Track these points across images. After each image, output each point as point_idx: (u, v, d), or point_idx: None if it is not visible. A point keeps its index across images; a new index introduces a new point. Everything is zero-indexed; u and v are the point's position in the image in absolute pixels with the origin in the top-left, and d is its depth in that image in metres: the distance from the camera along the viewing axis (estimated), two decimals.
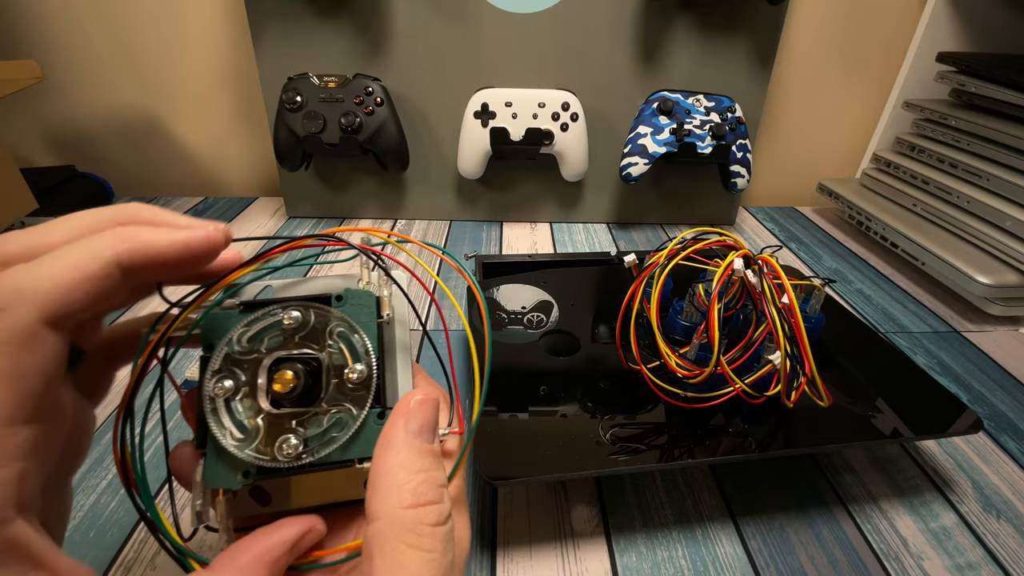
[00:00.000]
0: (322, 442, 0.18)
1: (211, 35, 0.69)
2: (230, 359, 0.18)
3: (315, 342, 0.19)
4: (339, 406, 0.19)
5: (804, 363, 0.32)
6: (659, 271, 0.35)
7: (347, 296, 0.20)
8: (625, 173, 0.63)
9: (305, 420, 0.18)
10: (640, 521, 0.33)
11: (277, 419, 0.18)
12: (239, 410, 0.18)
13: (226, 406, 0.18)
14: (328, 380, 0.19)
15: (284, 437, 0.18)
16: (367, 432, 0.19)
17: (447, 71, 0.64)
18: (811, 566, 0.31)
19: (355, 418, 0.18)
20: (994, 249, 0.55)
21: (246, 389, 0.18)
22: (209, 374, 0.18)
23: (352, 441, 0.18)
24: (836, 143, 0.81)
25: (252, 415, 0.18)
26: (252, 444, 0.18)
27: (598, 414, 0.35)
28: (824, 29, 0.73)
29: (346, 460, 0.18)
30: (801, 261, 0.64)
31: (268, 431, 0.18)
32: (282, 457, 0.18)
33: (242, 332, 0.18)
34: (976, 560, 0.31)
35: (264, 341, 0.18)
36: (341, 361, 0.19)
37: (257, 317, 0.18)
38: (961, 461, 0.38)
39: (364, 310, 0.20)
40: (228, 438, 0.18)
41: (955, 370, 0.47)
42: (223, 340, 0.18)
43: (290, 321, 0.19)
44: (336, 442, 0.18)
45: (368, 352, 0.19)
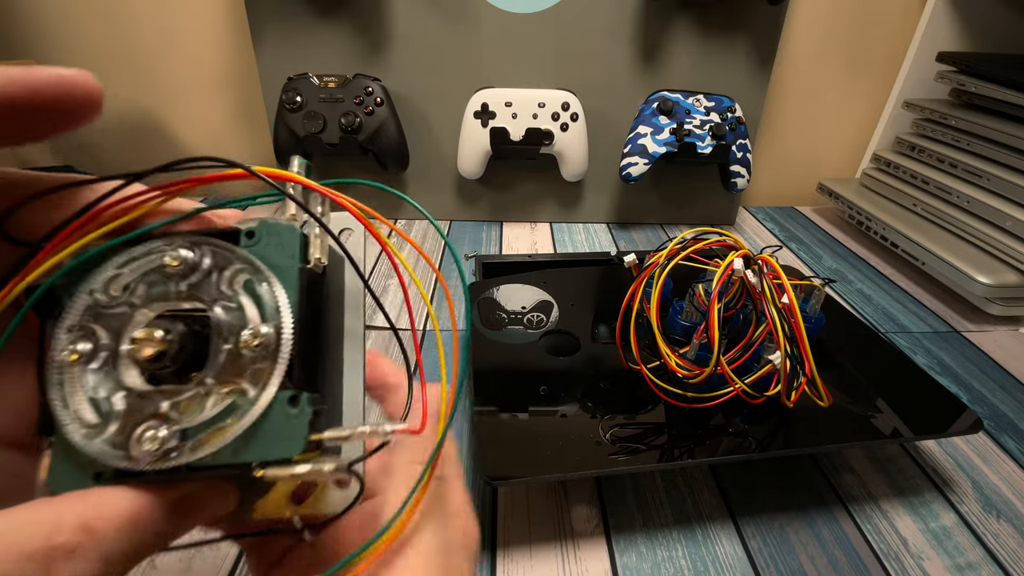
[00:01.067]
0: (204, 435, 0.13)
1: (211, 35, 0.69)
2: (92, 312, 0.13)
3: (207, 294, 0.14)
4: (230, 383, 0.13)
5: (804, 363, 0.32)
6: (659, 271, 0.35)
7: (260, 231, 0.14)
8: (625, 173, 0.63)
9: (181, 402, 0.13)
10: (640, 521, 0.33)
11: (142, 399, 0.13)
12: (95, 385, 0.13)
13: (80, 378, 0.13)
14: (218, 346, 0.13)
15: (146, 426, 0.13)
16: (272, 423, 0.13)
17: (447, 71, 0.64)
18: (811, 566, 0.31)
19: (251, 401, 0.13)
20: (994, 249, 0.55)
21: (107, 355, 0.13)
22: (61, 331, 0.13)
23: (250, 436, 0.13)
24: (836, 143, 0.81)
25: (110, 391, 0.13)
26: (104, 433, 0.13)
27: (598, 414, 0.35)
28: (824, 29, 0.73)
29: (238, 464, 0.13)
30: (801, 261, 0.64)
31: (128, 416, 0.13)
32: (138, 454, 0.12)
33: (112, 276, 0.13)
34: (976, 560, 0.31)
35: (139, 290, 0.14)
36: (239, 321, 0.14)
37: (133, 256, 0.14)
38: (961, 461, 0.38)
39: (281, 250, 0.14)
40: (75, 423, 0.13)
41: (955, 370, 0.47)
42: (83, 285, 0.13)
43: (175, 261, 0.13)
44: (222, 435, 0.13)
45: (279, 308, 0.14)
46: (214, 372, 0.13)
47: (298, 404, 0.13)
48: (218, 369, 0.13)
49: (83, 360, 0.13)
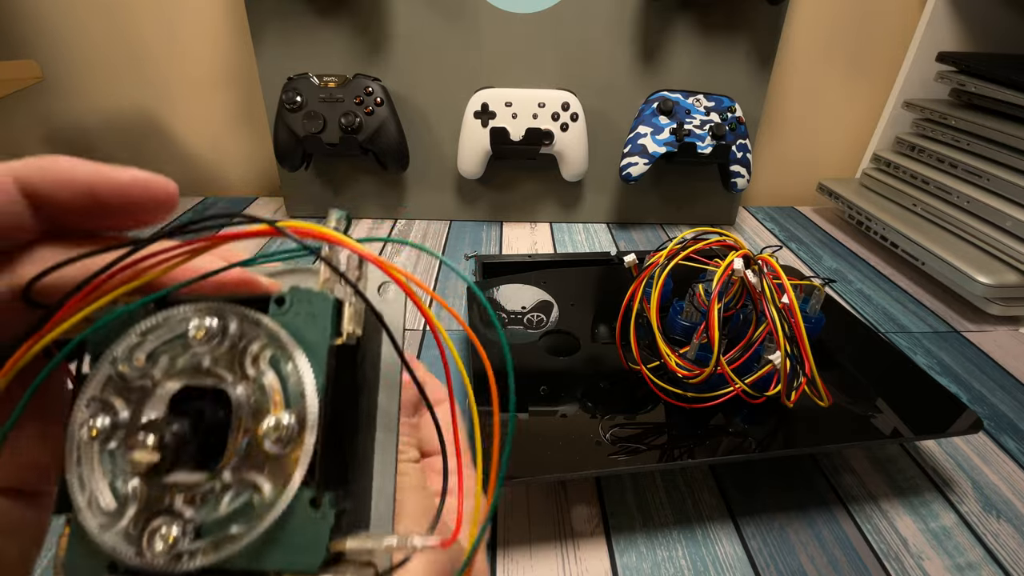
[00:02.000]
0: (218, 537, 0.12)
1: (211, 35, 0.69)
2: (113, 383, 0.12)
3: (228, 370, 0.12)
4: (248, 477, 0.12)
5: (804, 363, 0.32)
6: (659, 271, 0.35)
7: (291, 298, 0.13)
8: (625, 173, 0.63)
9: (199, 497, 0.12)
10: (640, 521, 0.33)
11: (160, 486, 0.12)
12: (117, 465, 0.12)
13: (99, 455, 0.12)
14: (236, 434, 0.12)
15: (159, 522, 0.11)
16: (292, 527, 0.12)
17: (447, 71, 0.64)
18: (811, 566, 0.31)
19: (270, 503, 0.12)
20: (994, 249, 0.55)
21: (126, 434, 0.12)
22: (81, 403, 0.12)
23: (268, 540, 0.12)
24: (836, 143, 0.81)
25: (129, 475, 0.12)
26: (119, 523, 0.12)
27: (598, 414, 0.35)
28: (824, 29, 0.73)
29: (255, 571, 0.12)
30: (801, 261, 0.64)
31: (144, 505, 0.12)
32: (151, 554, 0.11)
33: (135, 344, 0.12)
34: (976, 560, 0.31)
35: (161, 361, 0.12)
36: (263, 404, 0.12)
37: (156, 323, 0.12)
38: (961, 461, 0.38)
39: (312, 323, 0.13)
40: (91, 508, 0.12)
41: (955, 370, 0.47)
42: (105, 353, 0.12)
43: (200, 332, 0.12)
44: (238, 540, 0.11)
45: (303, 392, 0.12)
46: (232, 464, 0.12)
47: (320, 507, 0.12)
48: (236, 460, 0.12)
49: (102, 438, 0.12)
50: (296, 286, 0.13)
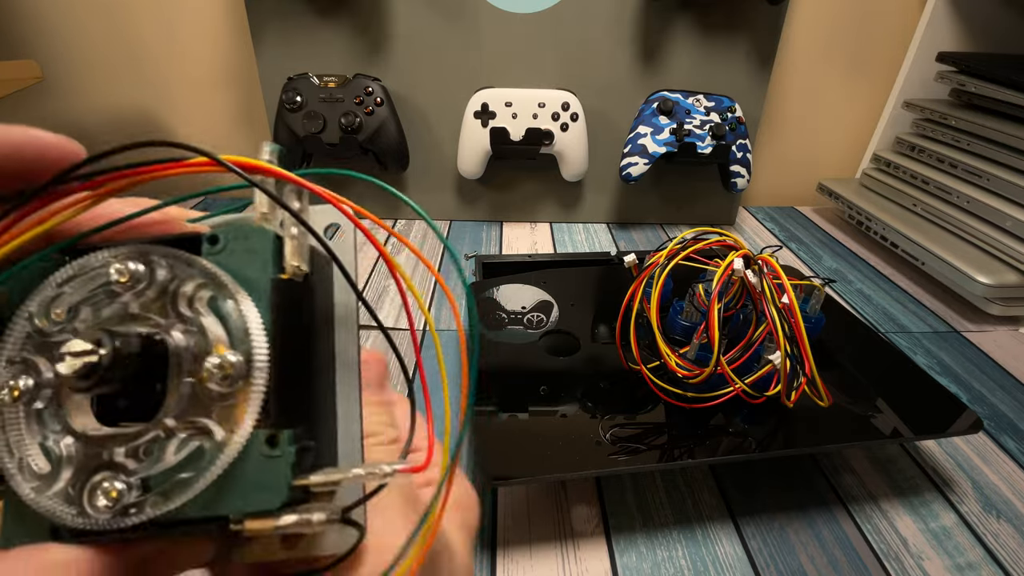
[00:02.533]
0: (169, 486, 0.11)
1: (211, 35, 0.69)
2: (33, 341, 0.11)
3: (164, 315, 0.11)
4: (195, 424, 0.11)
5: (804, 363, 0.32)
6: (659, 271, 0.35)
7: (225, 235, 0.12)
8: (625, 173, 0.63)
9: (139, 447, 0.11)
10: (640, 521, 0.33)
11: (96, 444, 0.11)
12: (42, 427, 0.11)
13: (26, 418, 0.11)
14: (177, 379, 0.11)
15: (99, 478, 0.11)
16: (249, 468, 0.11)
17: (447, 71, 0.64)
18: (811, 566, 0.31)
19: (221, 444, 0.11)
20: (994, 249, 0.55)
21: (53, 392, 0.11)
22: None
23: (223, 485, 0.11)
24: (836, 143, 0.81)
25: (59, 436, 0.11)
26: (55, 485, 0.11)
27: (598, 414, 0.35)
28: (824, 29, 0.73)
29: (212, 517, 0.11)
30: (801, 261, 0.64)
31: (81, 464, 0.11)
32: (94, 511, 0.11)
33: (52, 296, 0.11)
34: (976, 560, 0.31)
35: (83, 312, 0.11)
36: (201, 347, 0.11)
37: (73, 272, 0.11)
38: (961, 461, 0.38)
39: (251, 258, 0.12)
40: (23, 473, 0.11)
41: (955, 370, 0.47)
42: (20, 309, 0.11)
43: (124, 277, 0.11)
44: (189, 487, 0.11)
45: (248, 330, 0.11)
46: (174, 411, 0.11)
47: (278, 444, 0.11)
48: (179, 407, 0.11)
49: (25, 398, 0.11)
50: (229, 221, 0.12)
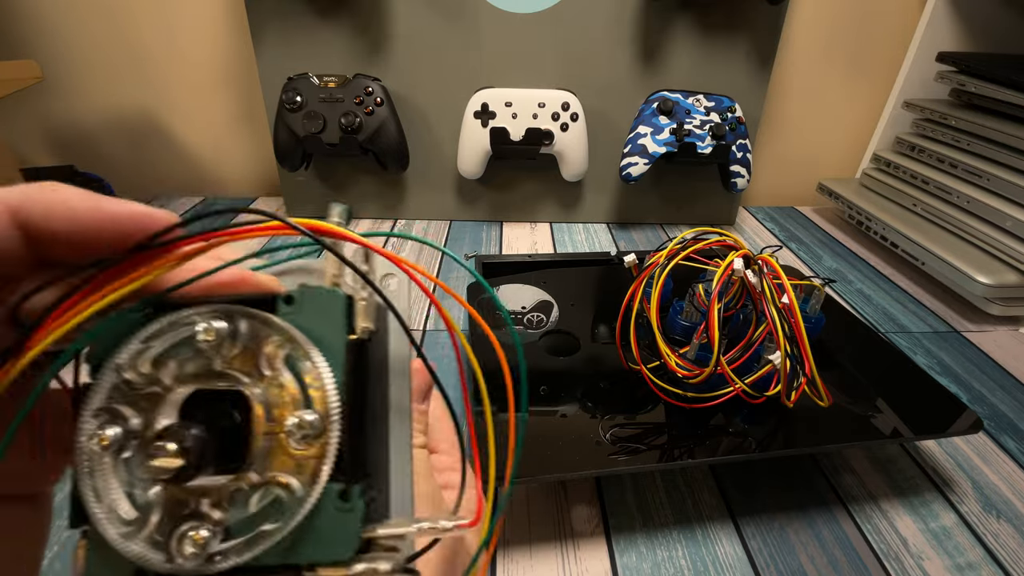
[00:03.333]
0: (249, 536, 0.12)
1: (211, 35, 0.69)
2: (120, 392, 0.12)
3: (242, 372, 0.12)
4: (274, 476, 0.12)
5: (804, 363, 0.32)
6: (659, 271, 0.35)
7: (299, 297, 0.13)
8: (625, 173, 0.63)
9: (225, 500, 0.12)
10: (640, 521, 0.33)
11: (179, 495, 0.12)
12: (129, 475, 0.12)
13: (113, 465, 0.12)
14: (258, 434, 0.12)
15: (187, 527, 0.11)
16: (322, 521, 0.12)
17: (447, 71, 0.64)
18: (811, 566, 0.31)
19: (299, 499, 0.12)
20: (994, 249, 0.55)
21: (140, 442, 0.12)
22: (87, 415, 0.12)
23: (298, 535, 0.12)
24: (836, 143, 0.81)
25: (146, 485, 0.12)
26: (142, 532, 0.11)
27: (598, 414, 0.35)
28: (824, 29, 0.73)
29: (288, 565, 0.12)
30: (801, 261, 0.64)
31: (167, 511, 0.12)
32: (182, 558, 0.11)
33: (139, 350, 0.12)
34: (976, 560, 0.31)
35: (171, 366, 0.12)
36: (280, 404, 0.12)
37: (160, 328, 0.12)
38: (961, 461, 0.38)
39: (325, 320, 0.13)
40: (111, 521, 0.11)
41: (955, 370, 0.47)
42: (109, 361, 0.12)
43: (209, 335, 0.12)
44: (269, 537, 0.12)
45: (325, 390, 0.12)
46: (256, 464, 0.12)
47: (350, 499, 0.12)
48: (260, 461, 0.12)
49: (113, 448, 0.12)
50: (304, 284, 0.13)
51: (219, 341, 0.12)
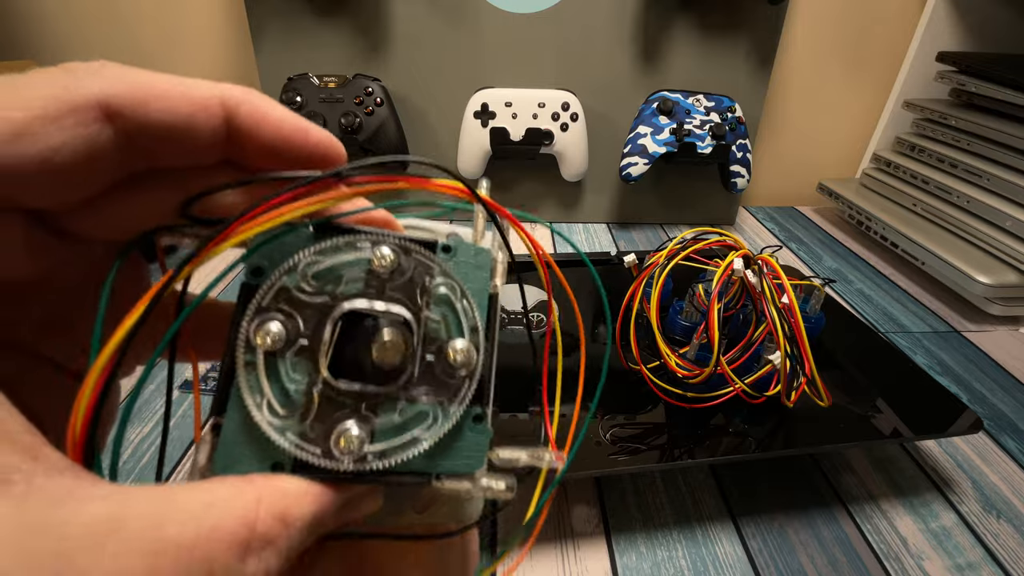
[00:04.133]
0: (396, 441, 0.13)
1: (211, 35, 0.69)
2: (285, 296, 0.13)
3: (408, 299, 0.13)
4: (427, 394, 0.13)
5: (804, 363, 0.32)
6: (659, 271, 0.35)
7: (457, 248, 0.14)
8: (625, 173, 0.63)
9: (378, 404, 0.13)
10: (640, 521, 0.33)
11: (339, 397, 0.13)
12: (286, 372, 0.13)
13: (268, 363, 0.12)
14: (421, 355, 0.13)
15: (343, 425, 0.12)
16: (457, 438, 0.13)
17: (447, 71, 0.64)
18: (811, 566, 0.31)
19: (446, 416, 0.13)
20: (994, 249, 0.55)
21: (302, 344, 0.13)
22: (251, 310, 0.12)
23: (439, 448, 0.13)
24: (836, 143, 0.81)
25: (303, 384, 0.13)
26: (297, 425, 0.12)
27: (598, 414, 0.35)
28: (824, 29, 0.73)
29: (423, 472, 0.13)
30: (801, 261, 0.64)
31: (323, 410, 0.13)
32: (337, 453, 0.12)
33: (311, 261, 0.13)
34: (976, 560, 0.31)
35: (339, 282, 0.13)
36: (437, 333, 0.13)
37: (335, 245, 0.13)
38: (961, 461, 0.38)
39: (477, 273, 0.14)
40: (263, 410, 0.12)
41: (955, 370, 0.47)
42: (281, 265, 0.13)
43: (382, 262, 0.13)
44: (417, 443, 0.13)
45: (476, 329, 0.14)
46: (411, 380, 0.13)
47: (483, 422, 0.14)
48: (416, 377, 0.13)
49: (277, 344, 0.12)
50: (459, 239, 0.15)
51: (388, 269, 0.13)
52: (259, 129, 0.13)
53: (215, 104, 0.12)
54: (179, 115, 0.12)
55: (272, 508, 0.11)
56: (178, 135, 0.12)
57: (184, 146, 0.12)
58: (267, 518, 0.10)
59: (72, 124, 0.11)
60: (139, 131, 0.12)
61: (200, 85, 0.12)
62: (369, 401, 0.13)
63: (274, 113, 0.13)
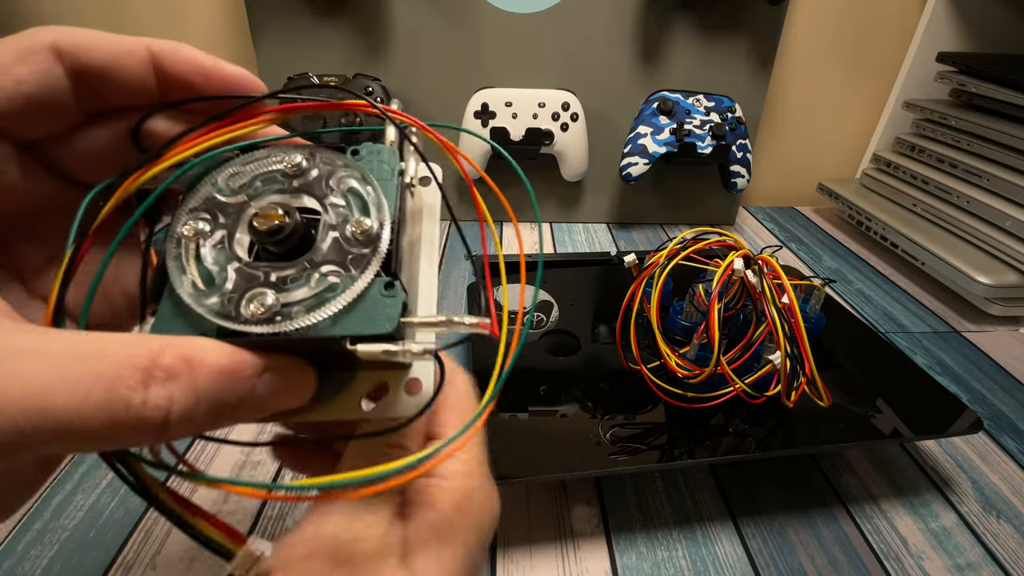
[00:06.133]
0: (307, 306, 0.14)
1: (211, 35, 0.69)
2: (212, 201, 0.15)
3: (317, 195, 0.16)
4: (335, 265, 0.15)
5: (804, 363, 0.32)
6: (659, 271, 0.35)
7: (364, 150, 0.17)
8: (625, 173, 0.63)
9: (289, 279, 0.14)
10: (640, 521, 0.33)
11: (253, 271, 0.14)
12: (209, 258, 0.15)
13: (195, 252, 0.15)
14: (325, 232, 0.15)
15: (256, 291, 0.14)
16: (368, 304, 0.14)
17: (447, 71, 0.64)
18: (811, 566, 0.31)
19: (352, 280, 0.14)
20: (994, 249, 0.55)
21: (222, 236, 0.15)
22: (182, 212, 0.15)
23: (346, 311, 0.14)
24: (836, 143, 0.81)
25: (223, 264, 0.15)
26: (214, 296, 0.14)
27: (598, 414, 0.35)
28: (824, 29, 0.73)
29: (334, 336, 0.14)
30: (801, 261, 0.64)
31: (239, 284, 0.14)
32: (249, 315, 0.14)
33: (232, 173, 0.16)
34: (976, 560, 0.31)
35: (256, 187, 0.16)
36: (345, 215, 0.15)
37: (253, 157, 0.16)
38: (961, 461, 0.38)
39: (383, 166, 0.17)
40: (186, 286, 0.14)
41: (955, 370, 0.47)
42: (207, 178, 0.16)
43: (290, 166, 0.16)
44: (325, 306, 0.14)
45: (381, 206, 0.16)
46: (320, 255, 0.15)
47: (393, 289, 0.15)
48: (324, 252, 0.15)
49: (201, 236, 0.15)
50: (367, 142, 0.17)
51: (297, 171, 0.16)
52: (180, 66, 0.16)
53: (141, 49, 0.15)
54: (112, 55, 0.15)
55: (179, 351, 0.12)
56: (113, 72, 0.15)
57: (120, 83, 0.15)
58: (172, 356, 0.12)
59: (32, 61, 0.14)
60: (83, 70, 0.15)
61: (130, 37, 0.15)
62: (281, 275, 0.14)
63: (193, 53, 0.16)
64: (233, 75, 0.16)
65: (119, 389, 0.11)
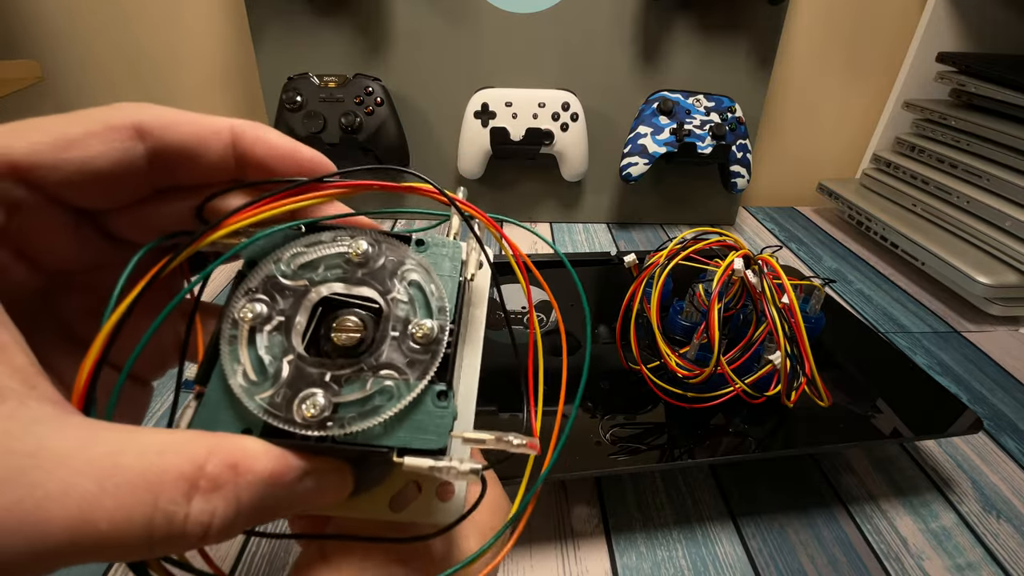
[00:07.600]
0: (359, 412, 0.13)
1: (211, 35, 0.69)
2: (271, 282, 0.15)
3: (380, 289, 0.15)
4: (392, 369, 0.14)
5: (804, 363, 0.32)
6: (659, 271, 0.35)
7: (429, 242, 0.16)
8: (625, 173, 0.63)
9: (344, 378, 0.14)
10: (640, 521, 0.33)
11: (308, 367, 0.14)
12: (264, 345, 0.14)
13: (249, 337, 0.14)
14: (386, 331, 0.15)
15: (308, 392, 0.13)
16: (419, 414, 0.14)
17: (447, 71, 0.64)
18: (811, 566, 0.31)
19: (409, 389, 0.14)
20: (994, 249, 0.55)
21: (280, 321, 0.14)
22: (240, 293, 0.14)
23: (398, 420, 0.14)
24: (836, 143, 0.81)
25: (278, 355, 0.14)
26: (266, 390, 0.13)
27: (598, 414, 0.35)
28: (824, 29, 0.73)
29: (384, 446, 0.14)
30: (801, 261, 0.64)
31: (293, 380, 0.14)
32: (300, 419, 0.13)
33: (295, 254, 0.15)
34: (976, 560, 0.31)
35: (318, 271, 0.15)
36: (406, 314, 0.15)
37: (319, 239, 0.15)
38: (961, 461, 0.38)
39: (447, 262, 0.16)
40: (238, 376, 0.13)
41: (955, 370, 0.47)
42: (268, 257, 0.15)
43: (357, 253, 0.15)
44: (378, 413, 0.13)
45: (444, 309, 0.15)
46: (379, 357, 0.14)
47: (446, 400, 0.14)
48: (383, 355, 0.14)
49: (258, 321, 0.14)
50: (433, 234, 0.17)
51: (363, 259, 0.15)
52: (258, 148, 0.16)
53: (225, 129, 0.15)
54: (195, 137, 0.15)
55: (225, 457, 0.12)
56: (196, 153, 0.15)
57: (201, 163, 0.15)
58: (218, 463, 0.11)
59: (110, 139, 0.14)
60: (165, 148, 0.14)
61: (215, 118, 0.15)
62: (336, 374, 0.14)
63: (272, 136, 0.16)
64: (309, 159, 0.16)
65: (163, 504, 0.10)
